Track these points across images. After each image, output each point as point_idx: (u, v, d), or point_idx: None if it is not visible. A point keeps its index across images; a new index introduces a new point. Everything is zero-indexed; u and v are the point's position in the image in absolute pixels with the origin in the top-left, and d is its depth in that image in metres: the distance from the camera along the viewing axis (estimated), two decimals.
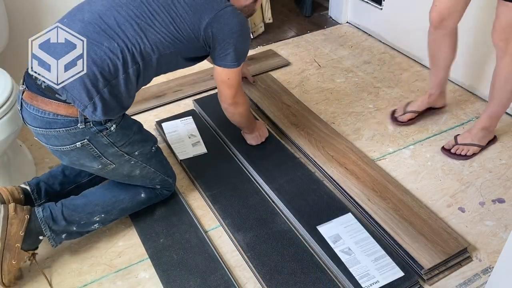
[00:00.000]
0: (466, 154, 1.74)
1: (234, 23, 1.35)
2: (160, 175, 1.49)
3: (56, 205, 1.37)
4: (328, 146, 1.76)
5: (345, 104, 2.07)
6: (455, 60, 1.77)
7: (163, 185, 1.53)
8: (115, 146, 1.32)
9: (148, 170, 1.44)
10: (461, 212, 1.54)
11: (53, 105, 1.22)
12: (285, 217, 1.53)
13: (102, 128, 1.27)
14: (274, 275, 1.34)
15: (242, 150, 1.77)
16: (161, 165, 1.49)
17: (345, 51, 2.47)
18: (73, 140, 1.26)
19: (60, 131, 1.24)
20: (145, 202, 1.51)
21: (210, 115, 1.96)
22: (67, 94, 1.20)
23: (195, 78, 2.26)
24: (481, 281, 1.34)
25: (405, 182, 1.66)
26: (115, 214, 1.45)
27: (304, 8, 2.89)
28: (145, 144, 1.41)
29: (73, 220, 1.37)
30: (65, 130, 1.24)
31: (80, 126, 1.24)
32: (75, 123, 1.23)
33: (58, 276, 1.41)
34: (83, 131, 1.25)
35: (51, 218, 1.34)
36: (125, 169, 1.39)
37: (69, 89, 1.20)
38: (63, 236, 1.38)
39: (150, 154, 1.43)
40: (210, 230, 1.53)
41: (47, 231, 1.34)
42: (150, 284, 1.37)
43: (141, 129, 1.42)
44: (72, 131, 1.24)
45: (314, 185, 1.62)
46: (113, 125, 1.29)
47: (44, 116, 1.23)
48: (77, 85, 1.19)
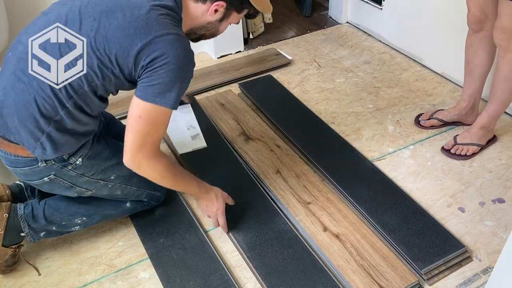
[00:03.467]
0: (466, 154, 1.73)
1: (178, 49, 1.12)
2: (145, 191, 1.45)
3: (39, 204, 1.37)
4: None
5: (345, 104, 2.07)
6: (489, 70, 1.73)
7: (151, 199, 1.50)
8: (85, 176, 1.29)
9: (130, 189, 1.40)
10: (461, 212, 1.54)
11: (11, 147, 1.21)
12: (286, 217, 1.53)
13: (66, 163, 1.25)
14: (274, 275, 1.34)
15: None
16: (144, 182, 1.35)
17: (345, 51, 2.47)
18: (40, 176, 1.26)
19: (25, 170, 1.24)
20: (130, 210, 1.49)
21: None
22: (15, 137, 1.19)
23: (194, 76, 2.25)
24: (481, 281, 1.34)
25: (405, 182, 1.66)
26: (97, 219, 1.43)
27: (304, 8, 2.89)
28: (121, 167, 1.26)
29: (54, 220, 1.37)
30: (29, 169, 1.24)
31: (41, 165, 1.23)
32: (36, 162, 1.22)
33: (58, 276, 1.41)
34: (46, 168, 1.24)
35: (31, 216, 1.34)
36: (104, 192, 1.37)
37: (15, 132, 1.18)
38: (42, 234, 1.38)
39: (129, 175, 1.34)
40: (210, 230, 1.53)
41: (26, 228, 1.34)
42: (150, 284, 1.37)
43: (117, 152, 1.31)
44: (36, 169, 1.24)
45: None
46: (79, 158, 1.25)
47: (8, 156, 1.23)
48: (20, 128, 1.16)
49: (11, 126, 1.18)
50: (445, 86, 2.15)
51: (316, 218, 1.50)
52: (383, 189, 1.59)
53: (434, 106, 2.02)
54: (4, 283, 1.38)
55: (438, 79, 2.21)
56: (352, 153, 1.76)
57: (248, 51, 2.50)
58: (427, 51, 2.27)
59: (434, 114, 1.89)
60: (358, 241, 1.42)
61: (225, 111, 2.00)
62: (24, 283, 1.39)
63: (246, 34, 2.56)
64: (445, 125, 1.88)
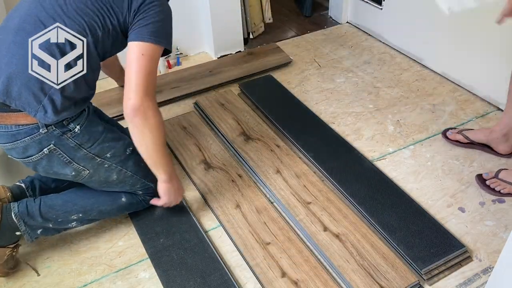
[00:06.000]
0: (500, 191, 1.58)
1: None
2: (139, 180, 1.45)
3: (35, 201, 1.37)
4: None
5: (345, 104, 2.07)
6: None
7: (145, 191, 1.50)
8: (83, 148, 1.30)
9: (125, 174, 1.41)
10: (461, 212, 1.54)
11: (12, 117, 1.22)
12: (286, 217, 1.53)
13: (65, 129, 1.27)
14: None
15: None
16: (139, 168, 1.43)
17: (345, 51, 2.47)
18: (40, 148, 1.26)
19: (25, 141, 1.24)
20: (126, 207, 1.49)
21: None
22: (15, 103, 1.20)
23: (193, 73, 2.26)
24: (481, 281, 1.34)
25: (405, 182, 1.66)
26: (93, 215, 1.44)
27: (304, 8, 2.89)
28: (117, 144, 1.37)
29: (50, 217, 1.37)
30: (30, 138, 1.24)
31: (42, 131, 1.24)
32: (37, 129, 1.24)
33: (58, 276, 1.41)
34: (47, 135, 1.25)
35: (27, 213, 1.34)
36: (101, 175, 1.38)
37: (16, 97, 1.20)
38: (39, 231, 1.38)
39: (124, 156, 1.40)
40: (210, 230, 1.53)
41: (22, 226, 1.34)
42: (150, 284, 1.37)
43: (111, 129, 1.39)
44: (37, 138, 1.24)
45: None
46: (76, 126, 1.28)
47: (7, 130, 1.23)
48: (23, 91, 1.19)
49: (13, 90, 1.19)
50: (445, 86, 2.15)
51: (316, 218, 1.50)
52: (383, 189, 1.59)
53: (434, 106, 2.02)
54: (4, 283, 1.38)
55: (438, 79, 2.21)
56: (352, 153, 1.76)
57: (248, 51, 2.50)
58: (427, 51, 2.27)
59: (463, 131, 1.79)
60: (358, 241, 1.42)
61: (225, 111, 2.00)
62: (24, 283, 1.39)
63: (246, 34, 2.56)
64: (471, 144, 1.76)
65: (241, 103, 2.05)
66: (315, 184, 1.63)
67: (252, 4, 2.52)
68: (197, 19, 2.40)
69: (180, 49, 2.40)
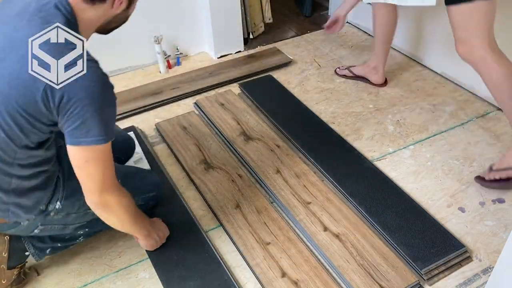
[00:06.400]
0: (500, 179, 1.57)
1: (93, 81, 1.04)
2: (140, 197, 1.41)
3: None
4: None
5: (345, 104, 2.07)
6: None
7: (147, 201, 1.48)
8: (72, 213, 1.27)
9: None
10: (461, 212, 1.54)
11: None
12: (285, 217, 1.53)
13: (46, 213, 1.23)
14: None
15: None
16: (135, 189, 1.33)
17: (345, 51, 2.47)
18: (30, 231, 1.25)
19: (12, 231, 1.25)
20: None
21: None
22: None
23: (194, 76, 2.26)
24: (481, 281, 1.34)
25: (405, 182, 1.66)
26: (100, 226, 1.39)
27: (304, 8, 2.89)
28: None
29: (58, 238, 1.36)
30: (15, 230, 1.24)
31: (24, 224, 1.22)
32: (18, 223, 1.22)
33: (58, 276, 1.41)
34: (31, 224, 1.23)
35: (36, 237, 1.33)
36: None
37: None
38: (47, 251, 1.37)
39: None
40: (210, 230, 1.53)
41: (31, 248, 1.33)
42: (150, 284, 1.37)
43: None
44: (22, 228, 1.23)
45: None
46: (57, 203, 1.22)
47: None
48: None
49: None
50: (445, 86, 2.15)
51: (316, 218, 1.50)
52: (383, 189, 1.59)
53: (434, 106, 2.02)
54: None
55: (438, 79, 2.21)
56: (352, 153, 1.76)
57: (248, 51, 2.50)
58: (427, 51, 2.26)
59: (350, 67, 2.21)
60: (358, 241, 1.42)
61: (225, 111, 2.00)
62: (24, 283, 1.38)
63: (246, 34, 2.56)
64: (355, 77, 2.19)
65: (241, 103, 2.05)
66: (315, 184, 1.63)
67: (252, 4, 2.52)
68: (197, 19, 2.40)
69: (180, 49, 2.40)
